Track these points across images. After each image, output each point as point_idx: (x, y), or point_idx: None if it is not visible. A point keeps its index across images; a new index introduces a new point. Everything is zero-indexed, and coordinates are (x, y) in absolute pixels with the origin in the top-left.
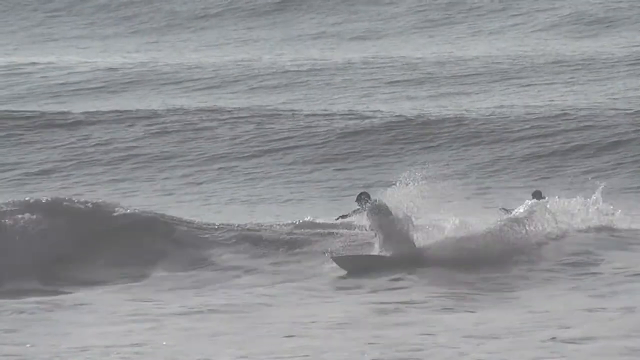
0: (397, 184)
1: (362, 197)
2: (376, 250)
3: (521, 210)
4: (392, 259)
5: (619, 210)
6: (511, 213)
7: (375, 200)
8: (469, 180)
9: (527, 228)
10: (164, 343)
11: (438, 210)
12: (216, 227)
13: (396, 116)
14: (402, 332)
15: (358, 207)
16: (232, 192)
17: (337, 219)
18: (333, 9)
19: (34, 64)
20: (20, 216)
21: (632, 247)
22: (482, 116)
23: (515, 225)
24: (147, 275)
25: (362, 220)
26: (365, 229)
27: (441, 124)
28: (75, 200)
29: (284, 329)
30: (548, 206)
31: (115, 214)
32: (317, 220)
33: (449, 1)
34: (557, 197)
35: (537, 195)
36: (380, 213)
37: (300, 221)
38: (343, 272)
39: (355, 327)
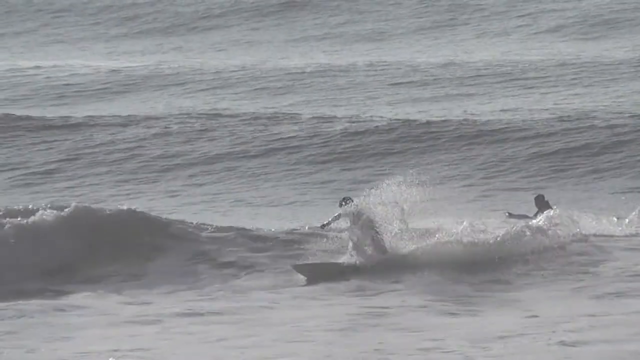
0: (379, 189)
1: (345, 203)
2: (347, 256)
3: (542, 221)
4: (355, 266)
5: (622, 212)
6: (523, 218)
7: (353, 205)
8: (473, 181)
9: (549, 237)
10: (166, 347)
11: (439, 213)
12: (217, 228)
13: (400, 118)
14: (406, 337)
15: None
16: (237, 193)
17: (322, 226)
18: (337, 10)
19: (37, 67)
20: (20, 218)
21: (635, 249)
22: (486, 118)
23: (539, 235)
24: (148, 278)
25: (344, 225)
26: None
27: (445, 125)
28: (76, 202)
29: (287, 333)
30: (575, 218)
31: (115, 215)
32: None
33: (452, 3)
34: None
35: (540, 199)
36: (356, 218)
37: (298, 226)
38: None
39: (358, 332)
